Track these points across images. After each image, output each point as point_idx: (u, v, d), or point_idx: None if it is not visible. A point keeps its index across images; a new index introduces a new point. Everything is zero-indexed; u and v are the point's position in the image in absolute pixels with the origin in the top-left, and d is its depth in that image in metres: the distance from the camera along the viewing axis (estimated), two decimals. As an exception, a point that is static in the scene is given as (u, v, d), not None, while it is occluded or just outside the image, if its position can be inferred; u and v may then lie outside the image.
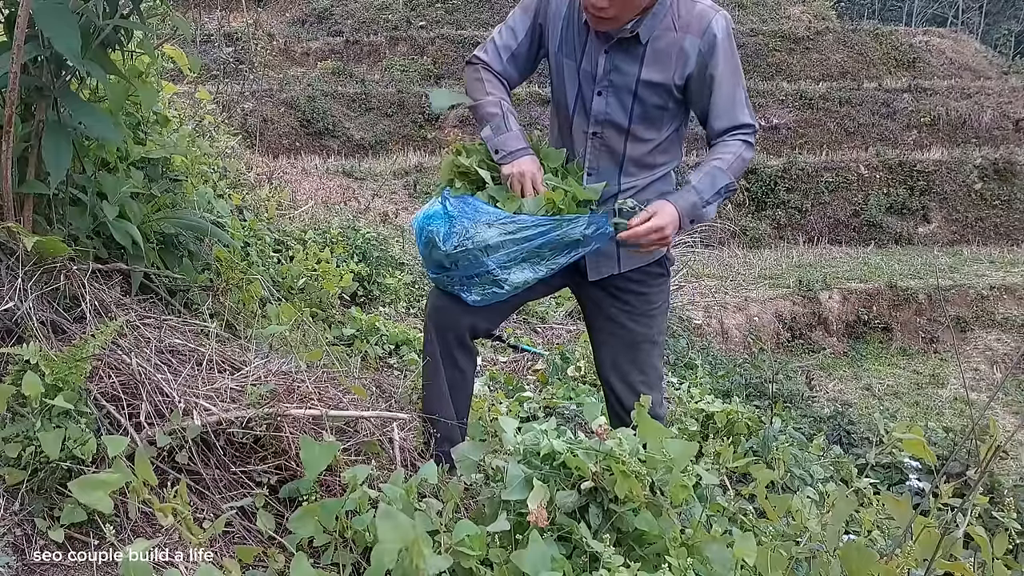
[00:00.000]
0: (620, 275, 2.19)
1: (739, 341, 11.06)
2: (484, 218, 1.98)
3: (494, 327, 2.37)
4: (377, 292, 4.80)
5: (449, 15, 20.75)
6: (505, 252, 1.99)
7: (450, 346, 2.19)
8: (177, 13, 2.20)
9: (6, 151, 1.90)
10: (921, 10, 35.45)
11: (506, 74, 2.17)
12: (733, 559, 1.54)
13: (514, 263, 2.01)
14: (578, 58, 2.07)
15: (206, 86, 8.98)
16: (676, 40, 1.98)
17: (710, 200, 2.00)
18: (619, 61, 2.02)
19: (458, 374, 2.22)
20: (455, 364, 2.21)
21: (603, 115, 2.06)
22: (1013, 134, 18.03)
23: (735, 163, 2.02)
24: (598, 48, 2.03)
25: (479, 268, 2.02)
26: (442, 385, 2.20)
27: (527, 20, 2.14)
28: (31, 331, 1.84)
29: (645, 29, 1.98)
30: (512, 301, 2.24)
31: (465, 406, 2.27)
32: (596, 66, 2.04)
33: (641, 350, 2.23)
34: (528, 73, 2.22)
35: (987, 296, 12.80)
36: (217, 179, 3.64)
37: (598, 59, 2.03)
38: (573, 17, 2.07)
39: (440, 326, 2.19)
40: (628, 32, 1.98)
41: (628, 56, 2.01)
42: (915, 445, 1.64)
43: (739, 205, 15.97)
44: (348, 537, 1.58)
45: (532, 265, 2.04)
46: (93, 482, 1.34)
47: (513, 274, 2.03)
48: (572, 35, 2.07)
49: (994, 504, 2.06)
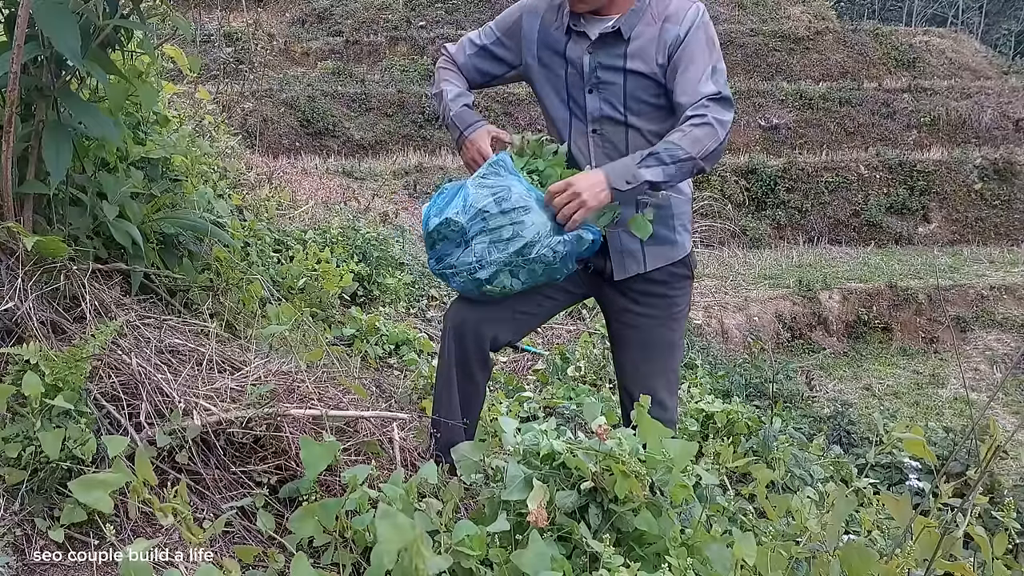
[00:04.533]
0: (644, 277, 2.16)
1: (739, 341, 11.06)
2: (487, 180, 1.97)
3: (517, 339, 2.33)
4: (377, 292, 4.80)
5: (449, 15, 20.75)
6: (487, 237, 1.94)
7: (468, 358, 2.14)
8: (177, 13, 2.20)
9: (6, 151, 1.90)
10: (921, 10, 35.44)
11: (467, 67, 2.21)
12: (733, 559, 1.54)
13: (494, 262, 1.95)
14: (561, 65, 2.10)
15: (206, 86, 8.99)
16: (655, 31, 2.01)
17: (648, 163, 1.91)
18: (603, 58, 2.04)
19: (471, 387, 2.18)
20: (471, 377, 2.17)
21: (599, 111, 2.08)
22: (1013, 134, 18.02)
23: (684, 137, 1.92)
24: (580, 50, 2.06)
25: (457, 254, 1.99)
26: (454, 398, 2.16)
27: (503, 27, 2.19)
28: (31, 331, 1.85)
29: (626, 25, 2.01)
30: (537, 313, 2.23)
31: (475, 418, 2.24)
32: (582, 67, 2.06)
33: (664, 355, 2.21)
34: (489, 77, 2.23)
35: (987, 296, 12.79)
36: (217, 179, 3.63)
37: (582, 60, 2.06)
38: (546, 32, 2.11)
39: (460, 336, 2.13)
40: (611, 28, 2.01)
41: (611, 52, 2.04)
42: (915, 445, 1.64)
43: (739, 205, 15.97)
44: (348, 537, 1.58)
45: (511, 273, 1.98)
46: (93, 482, 1.34)
47: (489, 272, 1.97)
48: (548, 48, 2.11)
49: (994, 504, 2.07)
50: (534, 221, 1.93)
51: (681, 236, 2.18)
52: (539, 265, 1.96)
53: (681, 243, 2.18)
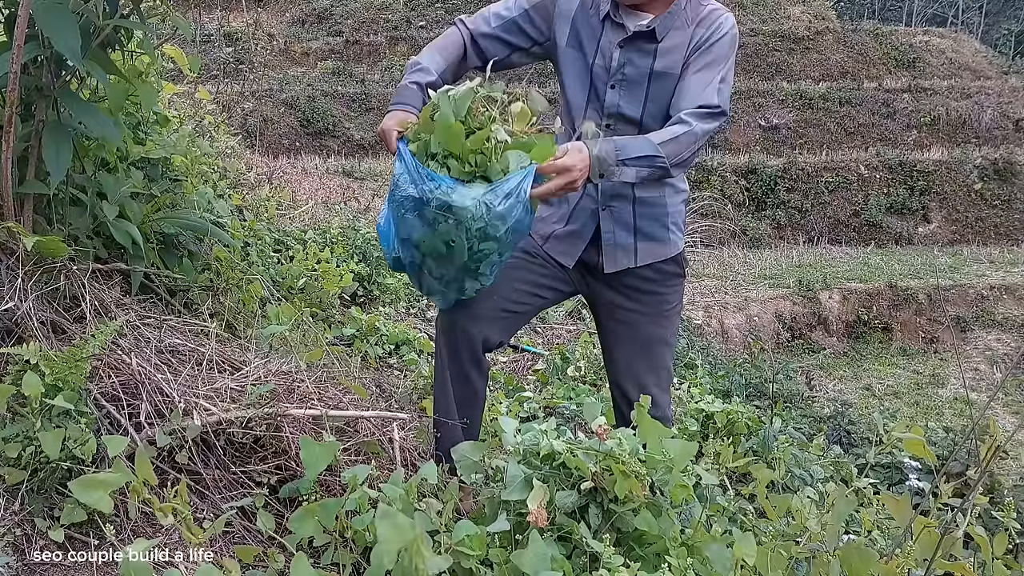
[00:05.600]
0: (634, 273, 2.17)
1: (739, 341, 11.06)
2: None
3: (507, 339, 2.31)
4: (377, 292, 4.80)
5: (449, 15, 20.74)
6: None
7: (461, 360, 2.14)
8: (177, 13, 2.20)
9: (6, 151, 1.90)
10: (921, 10, 35.45)
11: (488, 38, 2.09)
12: (733, 559, 1.54)
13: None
14: (591, 53, 2.08)
15: (206, 86, 8.99)
16: (686, 35, 2.02)
17: (627, 160, 1.88)
18: (633, 55, 2.04)
19: (468, 388, 2.17)
20: (466, 379, 2.16)
21: (615, 108, 2.07)
22: (1013, 134, 18.04)
23: (668, 142, 1.92)
24: (612, 43, 2.05)
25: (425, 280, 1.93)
26: (451, 401, 2.16)
27: (531, 4, 2.10)
28: (31, 331, 1.84)
29: (661, 27, 2.02)
30: (525, 311, 2.22)
31: (476, 420, 2.23)
32: (610, 60, 2.05)
33: (655, 352, 2.21)
34: (511, 49, 2.12)
35: (987, 296, 12.80)
36: (217, 179, 3.63)
37: (612, 53, 2.05)
38: (584, 13, 2.09)
39: (452, 344, 2.13)
40: (645, 27, 2.01)
41: (642, 51, 2.03)
42: (915, 445, 1.64)
43: (739, 205, 15.98)
44: (348, 537, 1.58)
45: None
46: (93, 482, 1.34)
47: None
48: (585, 31, 2.09)
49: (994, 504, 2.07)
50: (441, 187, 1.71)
51: (674, 235, 2.18)
52: (488, 242, 1.78)
53: (673, 241, 2.18)
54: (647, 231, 2.12)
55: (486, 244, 1.79)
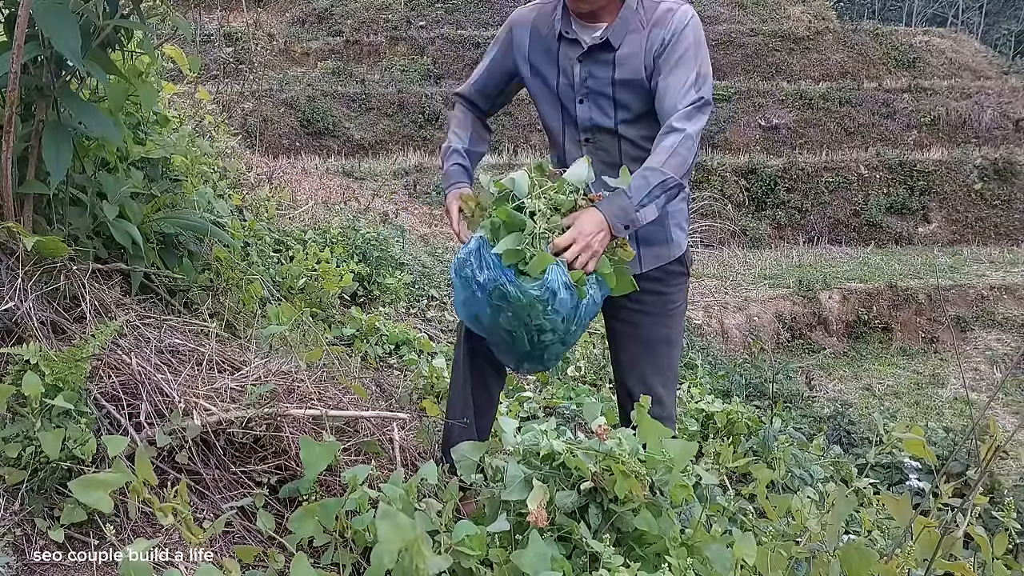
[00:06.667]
0: (640, 276, 2.18)
1: (739, 341, 11.06)
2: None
3: None
4: (377, 292, 4.80)
5: (449, 15, 20.76)
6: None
7: (484, 372, 2.20)
8: (177, 13, 2.20)
9: (6, 151, 1.90)
10: (921, 10, 35.45)
11: (474, 95, 2.28)
12: (733, 559, 1.54)
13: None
14: (551, 75, 2.12)
15: (206, 86, 8.99)
16: (643, 36, 2.02)
17: (644, 202, 1.91)
18: (592, 67, 2.05)
19: (485, 397, 2.22)
20: (485, 388, 2.21)
21: (589, 121, 2.09)
22: (1013, 134, 18.04)
23: (670, 159, 1.93)
24: (571, 59, 2.08)
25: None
26: (468, 408, 2.19)
27: (497, 44, 2.23)
28: (31, 331, 1.84)
29: (615, 36, 2.02)
30: None
31: (487, 425, 2.26)
32: (573, 76, 2.08)
33: (660, 351, 2.22)
34: (497, 93, 2.28)
35: (987, 296, 12.80)
36: (217, 179, 3.63)
37: (573, 69, 2.08)
38: (538, 39, 2.13)
39: (473, 351, 2.18)
40: (600, 39, 2.03)
41: (600, 62, 2.05)
42: (915, 445, 1.64)
43: (739, 205, 15.97)
44: (348, 537, 1.58)
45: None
46: (93, 482, 1.34)
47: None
48: (540, 57, 2.13)
49: (994, 504, 2.07)
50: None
51: (677, 235, 2.19)
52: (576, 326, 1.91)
53: (676, 242, 2.19)
54: (650, 238, 2.13)
55: (545, 336, 1.89)
